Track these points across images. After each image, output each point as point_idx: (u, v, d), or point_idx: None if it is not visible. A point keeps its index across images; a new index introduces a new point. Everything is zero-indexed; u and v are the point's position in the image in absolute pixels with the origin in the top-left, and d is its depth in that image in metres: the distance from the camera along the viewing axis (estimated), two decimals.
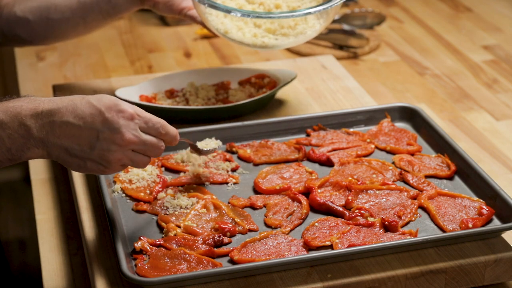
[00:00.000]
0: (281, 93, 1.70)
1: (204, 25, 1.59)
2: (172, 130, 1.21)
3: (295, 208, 1.31)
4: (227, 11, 1.47)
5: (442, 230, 1.26)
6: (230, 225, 1.26)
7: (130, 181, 1.37)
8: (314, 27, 1.56)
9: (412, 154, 1.46)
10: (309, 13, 1.48)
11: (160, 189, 1.35)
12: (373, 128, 1.55)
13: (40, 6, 1.57)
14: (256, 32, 1.56)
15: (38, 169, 1.57)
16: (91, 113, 1.13)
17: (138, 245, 1.21)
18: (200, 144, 1.41)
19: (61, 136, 1.13)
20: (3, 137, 1.11)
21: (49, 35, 1.60)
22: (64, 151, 1.14)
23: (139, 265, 1.17)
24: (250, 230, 1.27)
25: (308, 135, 1.54)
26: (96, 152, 1.14)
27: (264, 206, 1.33)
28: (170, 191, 1.35)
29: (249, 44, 1.56)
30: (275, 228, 1.27)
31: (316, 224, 1.26)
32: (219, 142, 1.43)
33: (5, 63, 2.70)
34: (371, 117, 1.57)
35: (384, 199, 1.32)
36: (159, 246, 1.22)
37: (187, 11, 1.60)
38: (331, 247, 1.22)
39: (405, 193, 1.34)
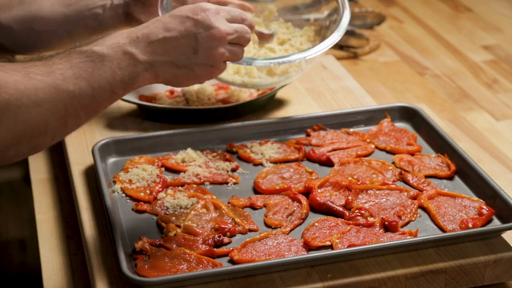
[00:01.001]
0: (281, 93, 1.70)
1: None
2: (248, 15, 1.28)
3: (295, 208, 1.31)
4: None
5: (442, 230, 1.26)
6: (230, 225, 1.26)
7: (130, 181, 1.37)
8: (299, 68, 1.57)
9: (412, 154, 1.46)
10: (304, 57, 1.45)
11: (160, 189, 1.35)
12: (373, 128, 1.55)
13: (25, 16, 1.53)
14: (238, 68, 1.57)
15: (38, 169, 1.57)
16: (181, 21, 1.19)
17: (138, 245, 1.21)
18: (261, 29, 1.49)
19: (164, 52, 1.17)
20: (113, 68, 1.12)
21: (33, 46, 1.56)
22: (170, 66, 1.19)
23: (139, 265, 1.17)
24: (250, 230, 1.27)
25: (308, 135, 1.54)
26: (200, 53, 1.20)
27: (264, 206, 1.33)
28: (170, 191, 1.35)
29: (228, 81, 1.57)
30: (275, 228, 1.27)
31: (316, 224, 1.26)
32: (276, 26, 1.51)
33: None
34: (371, 117, 1.57)
35: (384, 199, 1.32)
36: (159, 246, 1.22)
37: None
38: (331, 247, 1.22)
39: (405, 193, 1.34)
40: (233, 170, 1.43)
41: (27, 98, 1.03)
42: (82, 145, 1.50)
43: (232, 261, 1.19)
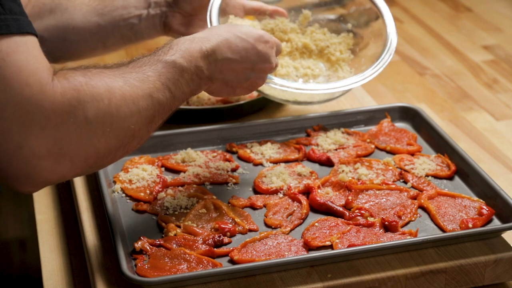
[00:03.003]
0: None
1: None
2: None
3: (295, 208, 1.31)
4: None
5: (442, 230, 1.26)
6: (230, 225, 1.26)
7: (130, 181, 1.37)
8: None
9: (412, 154, 1.46)
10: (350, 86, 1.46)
11: (160, 189, 1.35)
12: (373, 128, 1.55)
13: (57, 25, 1.50)
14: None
15: None
16: (245, 47, 1.25)
17: (138, 245, 1.21)
18: None
19: (223, 71, 1.24)
20: (188, 80, 1.17)
21: (64, 55, 1.54)
22: (223, 84, 1.26)
23: (139, 265, 1.17)
24: (250, 230, 1.27)
25: (308, 135, 1.54)
26: (250, 81, 1.29)
27: (264, 206, 1.33)
28: (170, 191, 1.35)
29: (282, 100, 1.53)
30: (275, 228, 1.27)
31: (316, 224, 1.26)
32: None
33: None
34: (371, 117, 1.57)
35: (384, 199, 1.32)
36: (159, 246, 1.22)
37: None
38: (331, 247, 1.22)
39: (405, 193, 1.34)
40: (233, 170, 1.43)
41: (132, 105, 1.07)
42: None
43: (232, 261, 1.19)
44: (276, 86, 1.42)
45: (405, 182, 1.38)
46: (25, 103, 0.96)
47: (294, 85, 1.43)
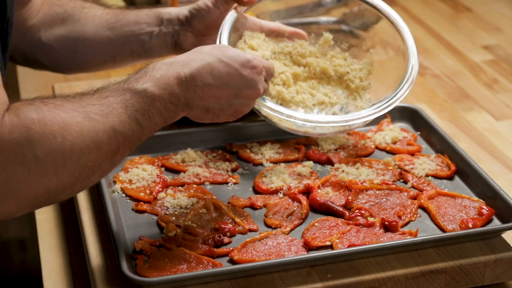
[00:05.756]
0: None
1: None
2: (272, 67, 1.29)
3: (295, 208, 1.31)
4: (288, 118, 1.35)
5: (442, 230, 1.26)
6: (230, 225, 1.26)
7: (130, 181, 1.37)
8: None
9: (412, 154, 1.46)
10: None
11: (160, 189, 1.35)
12: (373, 128, 1.55)
13: (67, 36, 1.47)
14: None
15: None
16: (228, 72, 1.18)
17: (138, 245, 1.21)
18: None
19: (204, 97, 1.17)
20: (161, 109, 1.12)
21: (73, 67, 1.51)
22: (204, 110, 1.19)
23: (139, 265, 1.17)
24: (250, 230, 1.27)
25: None
26: (234, 107, 1.22)
27: (264, 206, 1.33)
28: (170, 191, 1.35)
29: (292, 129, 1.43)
30: (275, 228, 1.27)
31: (316, 224, 1.26)
32: None
33: None
34: None
35: (384, 199, 1.32)
36: (159, 246, 1.22)
37: None
38: (331, 247, 1.22)
39: (405, 193, 1.34)
40: (233, 170, 1.43)
41: (90, 141, 1.02)
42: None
43: (232, 261, 1.19)
44: (267, 110, 1.34)
45: (405, 182, 1.38)
46: None
47: (287, 112, 1.35)
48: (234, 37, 1.42)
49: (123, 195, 1.35)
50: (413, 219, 1.28)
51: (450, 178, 1.40)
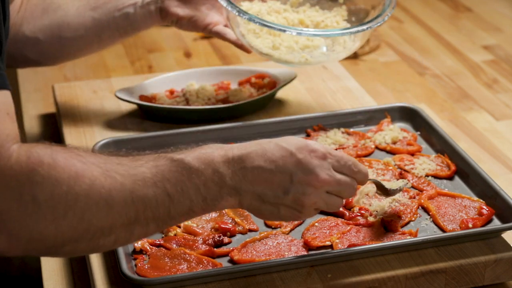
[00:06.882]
0: (281, 93, 1.70)
1: (233, 42, 1.55)
2: (364, 168, 1.13)
3: None
4: (282, 30, 1.42)
5: (442, 230, 1.26)
6: (230, 225, 1.26)
7: None
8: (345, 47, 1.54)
9: (412, 154, 1.46)
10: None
11: None
12: (373, 128, 1.55)
13: (51, 24, 1.47)
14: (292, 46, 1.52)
15: None
16: (282, 155, 1.07)
17: (138, 245, 1.21)
18: (387, 184, 1.26)
19: (254, 181, 1.06)
20: (199, 185, 1.02)
21: (61, 55, 1.51)
22: (256, 198, 1.07)
23: (139, 265, 1.17)
24: (250, 230, 1.27)
25: (308, 135, 1.54)
26: (291, 196, 1.07)
27: None
28: None
29: (287, 61, 1.52)
30: (275, 228, 1.27)
31: (316, 224, 1.26)
32: (405, 181, 1.30)
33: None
34: (371, 117, 1.57)
35: (384, 199, 1.32)
36: (159, 246, 1.22)
37: (213, 27, 1.53)
38: (331, 247, 1.22)
39: (405, 193, 1.34)
40: None
41: (99, 198, 0.94)
42: (82, 145, 1.50)
43: (232, 261, 1.19)
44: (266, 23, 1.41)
45: None
46: None
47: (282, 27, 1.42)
48: None
49: None
50: (413, 219, 1.28)
51: (450, 178, 1.40)
